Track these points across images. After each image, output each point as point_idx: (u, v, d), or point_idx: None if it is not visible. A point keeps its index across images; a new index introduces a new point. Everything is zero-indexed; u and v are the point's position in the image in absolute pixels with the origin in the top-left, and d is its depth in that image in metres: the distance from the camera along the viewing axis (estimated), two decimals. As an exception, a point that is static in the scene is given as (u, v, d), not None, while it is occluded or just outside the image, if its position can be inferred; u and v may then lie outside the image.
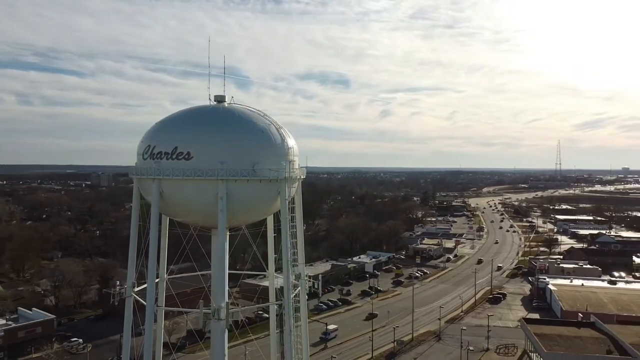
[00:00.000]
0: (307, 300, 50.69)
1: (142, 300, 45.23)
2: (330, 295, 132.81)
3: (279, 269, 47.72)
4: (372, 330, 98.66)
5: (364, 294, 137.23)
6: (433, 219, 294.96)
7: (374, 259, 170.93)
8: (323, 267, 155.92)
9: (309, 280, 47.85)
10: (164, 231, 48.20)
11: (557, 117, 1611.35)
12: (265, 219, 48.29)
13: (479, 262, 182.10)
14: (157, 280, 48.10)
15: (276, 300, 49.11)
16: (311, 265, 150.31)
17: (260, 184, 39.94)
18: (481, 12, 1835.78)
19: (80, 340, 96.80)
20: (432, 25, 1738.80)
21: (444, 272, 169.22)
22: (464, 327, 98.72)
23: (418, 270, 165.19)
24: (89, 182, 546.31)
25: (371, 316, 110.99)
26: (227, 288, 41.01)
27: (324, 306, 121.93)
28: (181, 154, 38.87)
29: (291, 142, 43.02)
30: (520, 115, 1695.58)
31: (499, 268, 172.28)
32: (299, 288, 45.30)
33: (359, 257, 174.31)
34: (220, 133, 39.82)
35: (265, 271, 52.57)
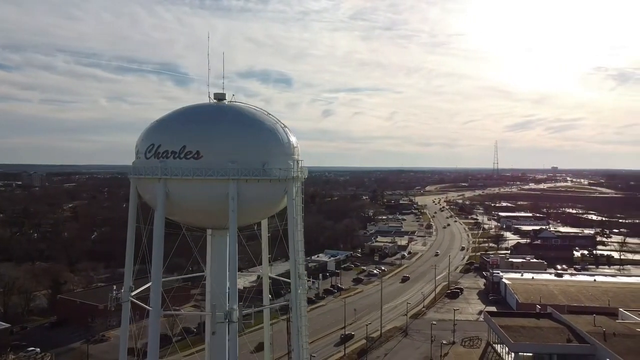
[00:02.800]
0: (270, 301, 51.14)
1: (145, 306, 43.56)
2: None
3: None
4: (344, 327, 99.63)
5: (327, 292, 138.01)
6: (384, 217, 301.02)
7: (332, 258, 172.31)
8: (283, 267, 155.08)
9: (309, 280, 47.75)
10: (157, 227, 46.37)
11: (490, 118, 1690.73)
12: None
13: (436, 254, 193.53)
14: (150, 284, 46.74)
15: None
16: (271, 264, 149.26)
17: (270, 183, 39.48)
18: (418, 16, 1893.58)
19: (38, 349, 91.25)
20: (371, 26, 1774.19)
21: (400, 269, 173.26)
22: (434, 322, 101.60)
23: (376, 267, 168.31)
24: (20, 182, 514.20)
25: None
26: (237, 290, 40.10)
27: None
28: (190, 153, 37.64)
29: (295, 141, 42.83)
30: (457, 116, 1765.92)
31: (463, 248, 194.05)
32: (300, 288, 45.14)
33: (317, 256, 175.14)
34: (230, 132, 38.94)
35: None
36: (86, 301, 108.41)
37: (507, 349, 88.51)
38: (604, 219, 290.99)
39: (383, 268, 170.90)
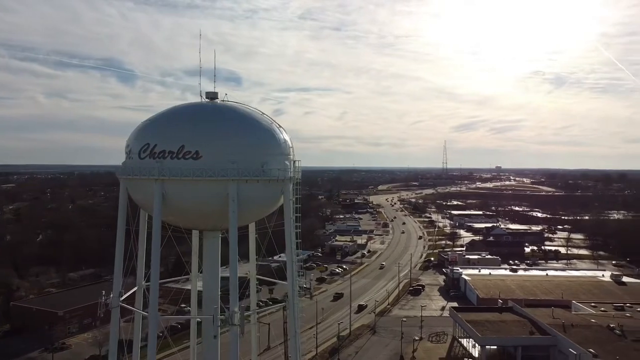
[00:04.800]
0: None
1: (140, 311, 42.16)
2: (258, 295, 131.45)
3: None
4: (317, 324, 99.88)
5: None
6: (341, 217, 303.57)
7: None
8: (246, 267, 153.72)
9: (305, 281, 47.75)
10: (142, 232, 44.92)
11: (437, 119, 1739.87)
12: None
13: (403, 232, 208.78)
14: (136, 288, 45.23)
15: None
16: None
17: (269, 184, 39.19)
18: (366, 17, 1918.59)
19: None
20: (320, 26, 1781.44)
21: (361, 267, 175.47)
22: (404, 319, 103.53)
23: (338, 266, 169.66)
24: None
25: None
26: (237, 292, 39.46)
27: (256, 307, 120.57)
28: (188, 153, 36.73)
29: (290, 141, 42.70)
30: (405, 116, 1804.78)
31: (420, 237, 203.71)
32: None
33: (279, 257, 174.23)
34: (229, 132, 38.32)
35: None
36: (43, 308, 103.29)
37: (472, 342, 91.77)
38: (548, 216, 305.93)
39: (345, 267, 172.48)
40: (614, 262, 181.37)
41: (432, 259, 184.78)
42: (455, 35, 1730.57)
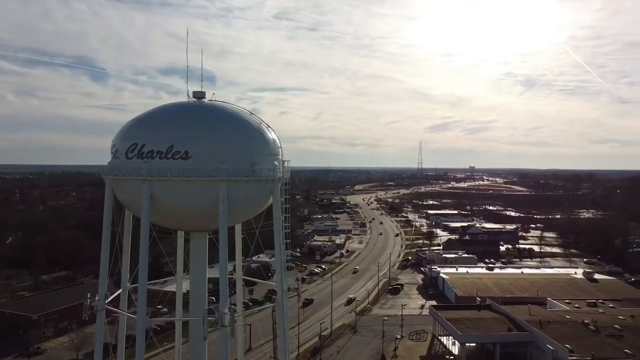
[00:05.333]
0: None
1: (129, 314, 41.44)
2: (234, 298, 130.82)
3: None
4: (299, 324, 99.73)
5: (271, 292, 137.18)
6: (319, 217, 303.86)
7: (273, 258, 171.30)
8: (230, 267, 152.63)
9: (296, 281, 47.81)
10: (127, 233, 44.12)
11: (412, 119, 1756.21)
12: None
13: (380, 233, 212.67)
14: (120, 290, 44.45)
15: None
16: (212, 267, 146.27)
17: (258, 184, 39.08)
18: (342, 17, 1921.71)
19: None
20: (296, 26, 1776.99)
21: (340, 267, 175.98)
22: (386, 318, 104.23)
23: (317, 266, 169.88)
24: None
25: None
26: (227, 293, 39.15)
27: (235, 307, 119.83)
28: (178, 153, 36.41)
29: (278, 141, 42.60)
30: (381, 117, 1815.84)
31: (397, 235, 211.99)
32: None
33: (258, 257, 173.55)
34: (219, 132, 38.10)
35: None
36: (17, 312, 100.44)
37: (452, 340, 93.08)
38: (521, 215, 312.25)
39: (324, 267, 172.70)
40: (585, 259, 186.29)
41: (410, 258, 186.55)
42: (429, 38, 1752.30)
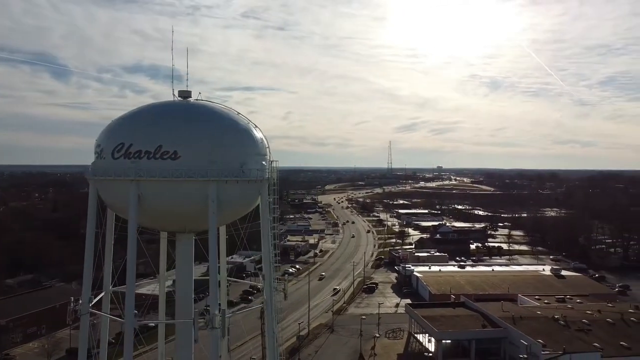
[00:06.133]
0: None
1: (115, 317, 40.49)
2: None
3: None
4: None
5: (246, 293, 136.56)
6: (291, 217, 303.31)
7: (247, 259, 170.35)
8: (198, 269, 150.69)
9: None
10: (109, 235, 43.10)
11: (380, 120, 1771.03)
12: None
13: (353, 236, 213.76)
14: (103, 294, 43.43)
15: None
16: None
17: (248, 184, 38.87)
18: (310, 17, 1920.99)
19: None
20: (264, 25, 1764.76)
21: (315, 267, 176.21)
22: (364, 317, 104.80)
23: (292, 266, 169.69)
24: None
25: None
26: (217, 295, 38.76)
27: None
28: (167, 153, 35.86)
29: (266, 141, 42.46)
30: (349, 117, 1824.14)
31: (369, 231, 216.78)
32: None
33: (232, 257, 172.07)
34: (209, 131, 37.67)
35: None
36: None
37: (428, 337, 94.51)
38: (489, 214, 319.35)
39: (298, 267, 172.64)
40: (551, 257, 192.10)
41: (383, 257, 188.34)
42: (396, 39, 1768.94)
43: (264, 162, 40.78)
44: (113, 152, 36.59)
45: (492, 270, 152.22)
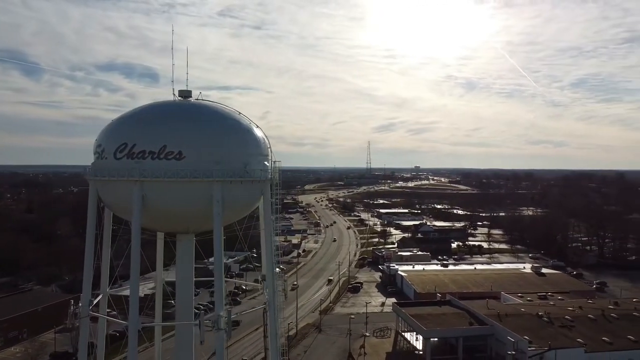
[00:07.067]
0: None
1: (118, 320, 39.89)
2: (196, 299, 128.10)
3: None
4: (264, 325, 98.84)
5: (231, 294, 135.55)
6: (272, 217, 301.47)
7: (231, 259, 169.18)
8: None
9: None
10: (107, 236, 42.39)
11: (357, 120, 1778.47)
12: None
13: (334, 240, 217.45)
14: (101, 296, 42.73)
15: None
16: (167, 269, 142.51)
17: (251, 184, 38.81)
18: (287, 17, 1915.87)
19: None
20: (240, 24, 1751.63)
21: (299, 267, 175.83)
22: (353, 316, 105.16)
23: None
24: None
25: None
26: (223, 296, 38.54)
27: (196, 310, 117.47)
28: (171, 154, 35.61)
29: (268, 141, 42.39)
30: (327, 117, 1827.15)
31: (349, 227, 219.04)
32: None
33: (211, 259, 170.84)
34: (213, 132, 37.55)
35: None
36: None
37: (416, 336, 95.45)
38: (468, 213, 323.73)
39: (282, 267, 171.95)
40: (530, 255, 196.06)
41: (366, 256, 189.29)
42: (373, 39, 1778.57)
43: (266, 163, 40.76)
44: (115, 152, 36.10)
45: (475, 268, 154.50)
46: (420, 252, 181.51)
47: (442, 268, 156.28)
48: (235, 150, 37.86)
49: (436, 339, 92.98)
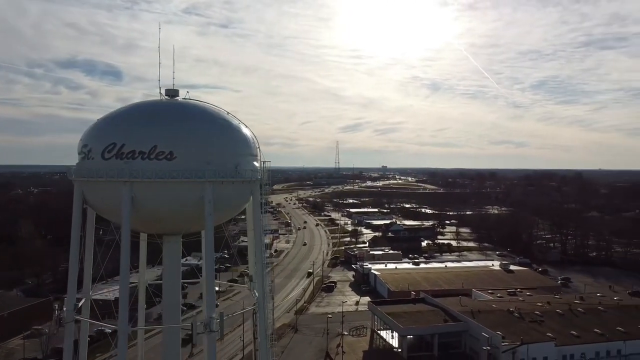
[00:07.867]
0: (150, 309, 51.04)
1: (107, 324, 38.91)
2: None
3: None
4: (242, 324, 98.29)
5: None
6: (243, 217, 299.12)
7: (202, 260, 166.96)
8: (153, 272, 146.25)
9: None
10: (90, 238, 41.31)
11: (325, 120, 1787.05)
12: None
13: (304, 244, 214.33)
14: (83, 300, 41.65)
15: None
16: (137, 271, 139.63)
17: (242, 184, 38.62)
18: (254, 16, 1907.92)
19: None
20: (206, 22, 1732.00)
21: (271, 267, 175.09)
22: (330, 315, 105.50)
23: (247, 267, 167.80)
24: None
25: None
26: (215, 298, 38.12)
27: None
28: (162, 154, 35.14)
29: (257, 141, 42.23)
30: (294, 117, 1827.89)
31: (317, 224, 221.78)
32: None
33: (186, 260, 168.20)
34: (204, 132, 37.18)
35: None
36: None
37: (392, 333, 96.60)
38: (436, 212, 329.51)
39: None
40: (497, 252, 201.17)
41: (339, 256, 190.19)
42: (340, 40, 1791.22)
43: (255, 163, 40.62)
44: (103, 152, 35.32)
45: (446, 266, 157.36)
46: (391, 251, 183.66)
47: (413, 266, 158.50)
48: (227, 150, 37.61)
49: (412, 336, 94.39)
